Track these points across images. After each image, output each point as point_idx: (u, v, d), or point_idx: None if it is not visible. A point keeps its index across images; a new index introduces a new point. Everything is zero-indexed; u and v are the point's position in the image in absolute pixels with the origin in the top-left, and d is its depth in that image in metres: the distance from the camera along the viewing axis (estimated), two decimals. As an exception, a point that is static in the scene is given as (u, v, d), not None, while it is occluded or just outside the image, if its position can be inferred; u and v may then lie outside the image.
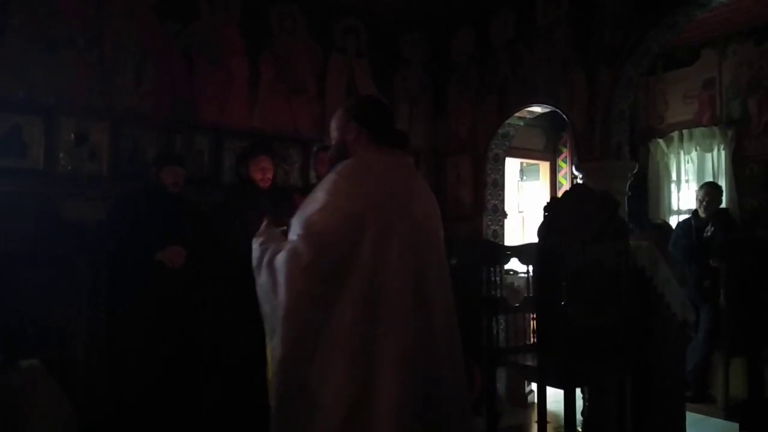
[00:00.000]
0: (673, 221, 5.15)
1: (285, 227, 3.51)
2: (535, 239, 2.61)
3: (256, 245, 1.79)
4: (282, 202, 3.75)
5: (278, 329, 1.65)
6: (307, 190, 4.31)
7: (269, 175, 3.69)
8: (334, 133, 1.90)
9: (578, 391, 3.07)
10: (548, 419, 2.89)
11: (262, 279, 1.71)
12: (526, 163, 6.93)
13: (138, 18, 3.84)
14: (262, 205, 3.60)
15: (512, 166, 6.68)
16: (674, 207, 5.45)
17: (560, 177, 6.50)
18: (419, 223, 1.74)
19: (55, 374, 2.45)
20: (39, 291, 3.31)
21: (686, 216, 4.76)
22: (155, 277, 3.18)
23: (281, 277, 1.65)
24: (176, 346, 3.22)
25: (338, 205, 1.66)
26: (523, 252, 3.10)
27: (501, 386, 4.03)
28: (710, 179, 4.93)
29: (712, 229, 4.37)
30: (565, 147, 6.36)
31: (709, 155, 5.14)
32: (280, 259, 1.67)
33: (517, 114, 4.52)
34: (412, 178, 1.84)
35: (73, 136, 3.61)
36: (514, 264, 3.45)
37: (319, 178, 3.65)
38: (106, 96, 3.72)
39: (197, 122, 4.04)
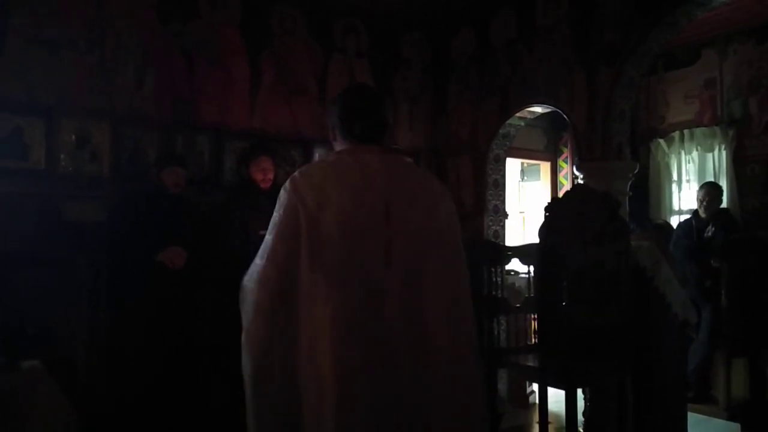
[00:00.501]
0: (674, 221, 5.14)
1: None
2: (536, 239, 2.61)
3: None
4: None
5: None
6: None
7: (270, 176, 3.69)
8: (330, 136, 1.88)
9: (579, 391, 3.06)
10: (550, 420, 2.89)
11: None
12: (527, 163, 6.93)
13: (138, 18, 3.84)
14: (262, 206, 3.60)
15: (513, 166, 6.68)
16: (675, 207, 5.44)
17: (561, 177, 6.50)
18: (381, 217, 1.62)
19: (55, 375, 2.45)
20: (39, 291, 3.31)
21: (687, 216, 4.75)
22: (156, 278, 3.18)
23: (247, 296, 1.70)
24: (176, 346, 3.22)
25: (275, 224, 1.67)
26: (524, 252, 3.10)
27: (502, 387, 4.03)
28: (711, 179, 4.93)
29: (713, 229, 4.37)
30: (566, 147, 6.36)
31: (710, 155, 5.13)
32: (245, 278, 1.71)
33: (517, 114, 4.52)
34: (380, 172, 1.68)
35: (74, 137, 3.61)
36: (515, 264, 3.44)
37: None
38: (107, 97, 3.73)
39: (198, 123, 4.04)
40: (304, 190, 1.64)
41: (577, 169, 3.99)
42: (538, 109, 4.53)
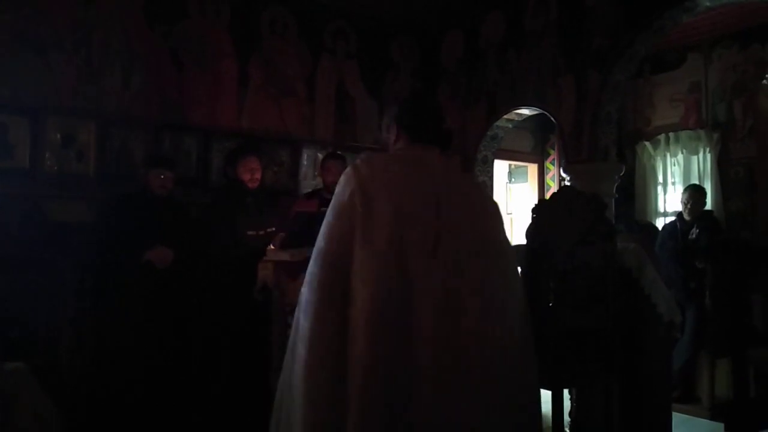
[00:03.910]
0: (660, 223, 5.19)
1: (273, 229, 3.49)
2: (523, 241, 2.62)
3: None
4: (268, 205, 3.74)
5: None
6: (295, 192, 4.34)
7: (258, 176, 3.68)
8: (384, 134, 1.97)
9: (566, 392, 3.08)
10: (536, 420, 2.90)
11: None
12: (515, 165, 6.96)
13: (126, 19, 3.82)
14: (249, 206, 3.59)
15: (501, 167, 6.71)
16: (661, 209, 5.49)
17: (548, 179, 6.54)
18: (433, 209, 1.68)
19: (38, 376, 2.43)
20: (23, 293, 3.28)
21: (672, 218, 4.80)
22: (142, 278, 3.16)
23: (302, 304, 1.69)
24: (163, 348, 3.19)
25: (334, 206, 1.72)
26: (511, 253, 3.10)
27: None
28: (696, 181, 4.97)
29: (697, 231, 4.41)
30: (553, 149, 6.39)
31: (695, 158, 5.18)
32: (303, 290, 1.71)
33: (505, 116, 4.54)
34: (436, 169, 1.78)
35: (59, 136, 3.58)
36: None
37: (326, 185, 3.67)
38: (94, 97, 3.70)
39: (185, 123, 4.02)
40: (365, 173, 1.71)
41: (564, 171, 4.02)
42: (525, 111, 4.55)
